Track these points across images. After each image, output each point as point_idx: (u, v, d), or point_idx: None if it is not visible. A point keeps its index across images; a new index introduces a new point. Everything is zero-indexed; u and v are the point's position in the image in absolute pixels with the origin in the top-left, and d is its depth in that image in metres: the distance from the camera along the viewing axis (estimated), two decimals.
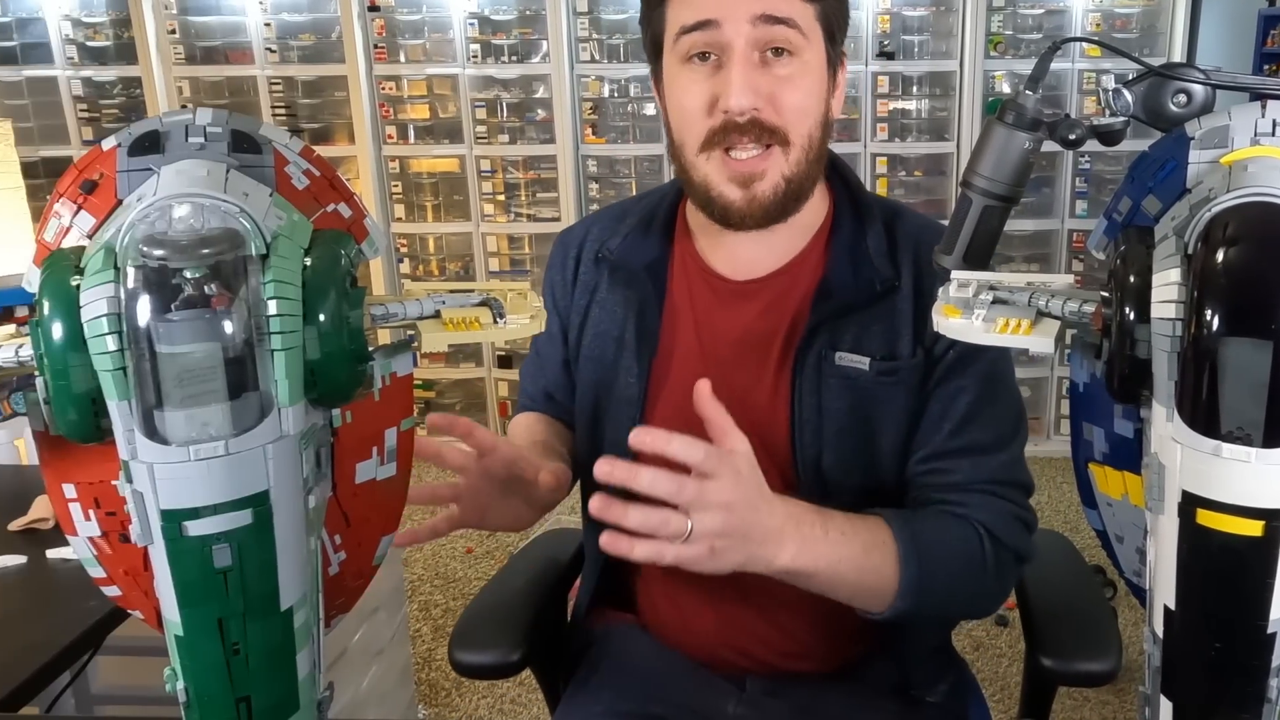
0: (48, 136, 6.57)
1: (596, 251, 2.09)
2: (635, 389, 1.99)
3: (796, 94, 1.78)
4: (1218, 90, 1.20)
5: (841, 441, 1.88)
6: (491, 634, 2.02)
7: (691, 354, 1.98)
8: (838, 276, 1.90)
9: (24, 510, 2.55)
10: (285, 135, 1.11)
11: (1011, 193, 1.31)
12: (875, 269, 1.89)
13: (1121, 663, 1.92)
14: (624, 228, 2.07)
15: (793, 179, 1.82)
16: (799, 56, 1.78)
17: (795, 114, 1.79)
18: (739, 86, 1.74)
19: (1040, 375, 6.61)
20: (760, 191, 1.81)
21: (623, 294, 2.04)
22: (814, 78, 1.81)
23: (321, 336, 0.97)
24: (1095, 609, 2.07)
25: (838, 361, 1.87)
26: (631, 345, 2.00)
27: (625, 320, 2.03)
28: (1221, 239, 0.91)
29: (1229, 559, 0.93)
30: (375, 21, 6.31)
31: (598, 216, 2.20)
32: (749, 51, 1.75)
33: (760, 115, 1.76)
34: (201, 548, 0.94)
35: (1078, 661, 1.93)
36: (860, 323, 1.88)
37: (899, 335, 1.88)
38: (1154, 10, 6.24)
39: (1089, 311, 1.10)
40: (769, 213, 1.83)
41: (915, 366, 1.88)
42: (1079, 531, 4.52)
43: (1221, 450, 0.90)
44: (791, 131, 1.79)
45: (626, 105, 6.38)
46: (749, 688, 1.99)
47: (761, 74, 1.76)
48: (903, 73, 6.31)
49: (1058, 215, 6.45)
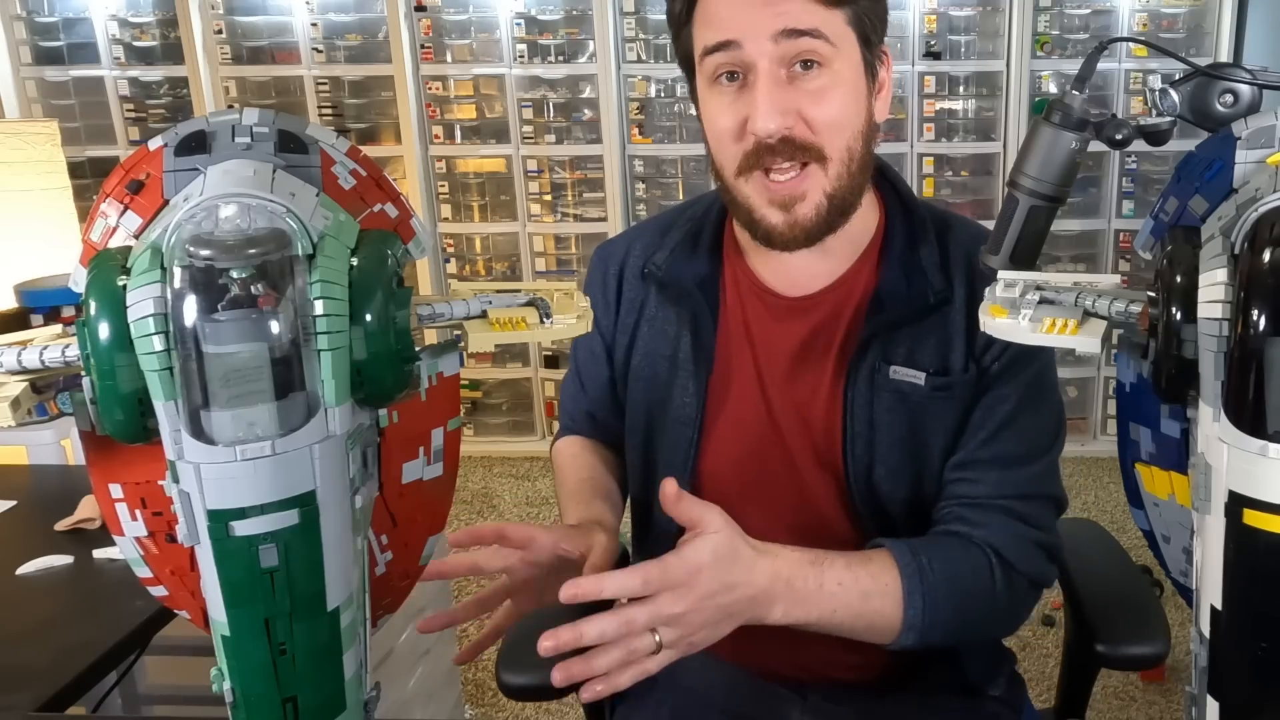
0: (94, 136, 6.60)
1: (642, 267, 2.04)
2: (692, 408, 1.95)
3: (829, 108, 1.72)
4: (1264, 90, 1.19)
5: (893, 454, 1.86)
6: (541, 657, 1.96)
7: (748, 371, 1.95)
8: (890, 288, 1.87)
9: (71, 510, 2.56)
10: (332, 135, 1.11)
11: (1058, 193, 1.31)
12: (928, 280, 1.87)
13: (1169, 645, 1.92)
14: (669, 242, 2.03)
15: (835, 194, 1.77)
16: (829, 67, 1.71)
17: (829, 129, 1.73)
18: (765, 110, 1.68)
19: (1087, 375, 6.59)
20: (802, 214, 1.76)
21: (674, 311, 1.99)
22: (847, 88, 1.75)
23: (368, 336, 0.98)
24: (1140, 594, 2.06)
25: (892, 375, 1.85)
26: (687, 364, 1.96)
27: (678, 338, 1.98)
28: (1268, 239, 0.91)
29: (1276, 559, 0.93)
30: (422, 21, 6.32)
31: (639, 230, 2.14)
32: (774, 69, 1.69)
33: (792, 134, 1.71)
34: (248, 548, 0.95)
35: (1129, 645, 1.94)
36: (914, 335, 1.86)
37: (952, 348, 1.86)
38: (1201, 10, 6.20)
39: (1135, 311, 1.09)
40: (812, 234, 1.79)
41: (968, 381, 1.86)
42: (1125, 532, 4.51)
43: (1268, 450, 0.89)
44: (827, 147, 1.74)
45: (673, 105, 6.38)
46: (810, 697, 1.97)
47: (790, 91, 1.70)
48: (949, 73, 6.29)
49: (1104, 215, 6.42)
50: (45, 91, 6.63)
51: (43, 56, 6.59)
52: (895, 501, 1.88)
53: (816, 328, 1.91)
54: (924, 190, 6.38)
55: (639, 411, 2.05)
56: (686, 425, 1.95)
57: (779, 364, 1.92)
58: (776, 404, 1.91)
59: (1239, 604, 0.96)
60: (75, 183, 4.16)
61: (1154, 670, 4.25)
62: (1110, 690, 4.23)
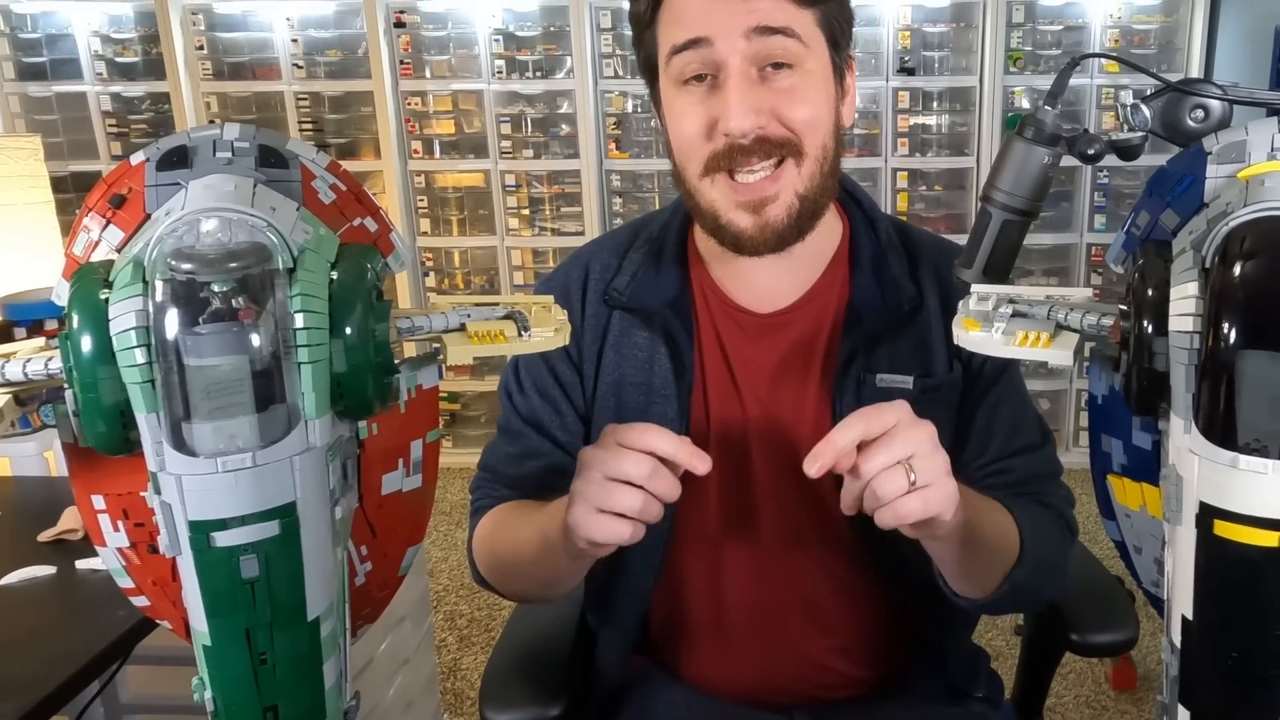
0: (77, 151, 6.60)
1: (603, 292, 1.94)
2: (674, 431, 1.75)
3: (804, 106, 1.68)
4: (1235, 105, 1.20)
5: None
6: (525, 690, 1.89)
7: (727, 391, 1.89)
8: (865, 299, 1.85)
9: (53, 521, 2.56)
10: (312, 150, 1.12)
11: (1031, 207, 1.32)
12: (901, 289, 1.85)
13: (1138, 632, 1.95)
14: (630, 264, 1.94)
15: (807, 195, 1.72)
16: (801, 67, 1.67)
17: (805, 126, 1.68)
18: (738, 108, 1.63)
19: (1059, 388, 6.63)
20: (773, 216, 1.71)
21: (645, 334, 1.90)
22: (819, 87, 1.70)
23: (348, 349, 0.98)
24: (1107, 586, 2.10)
25: (879, 384, 1.83)
26: (665, 387, 1.87)
27: (651, 362, 1.89)
28: (1238, 253, 0.92)
29: (1246, 569, 0.93)
30: (401, 38, 6.33)
31: (595, 251, 2.02)
32: (746, 68, 1.64)
33: (766, 131, 1.66)
34: (229, 558, 0.95)
35: (1102, 633, 1.97)
36: (893, 344, 1.84)
37: (933, 353, 1.85)
38: (1172, 26, 6.23)
39: (1107, 325, 1.10)
40: (783, 237, 1.73)
41: (954, 382, 1.86)
42: (1097, 542, 4.52)
43: (1239, 462, 0.90)
44: (805, 142, 1.69)
45: (650, 120, 6.38)
46: (796, 717, 1.95)
47: (762, 90, 1.66)
48: (923, 88, 6.31)
49: (1076, 229, 6.44)
50: (28, 107, 6.63)
51: (26, 72, 6.58)
52: None
53: (794, 345, 1.88)
54: (898, 204, 6.40)
55: None
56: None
57: (759, 383, 1.88)
58: (761, 425, 1.88)
59: (1210, 614, 0.97)
60: (58, 197, 4.17)
61: (1126, 679, 4.27)
62: (1083, 700, 4.25)
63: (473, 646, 4.68)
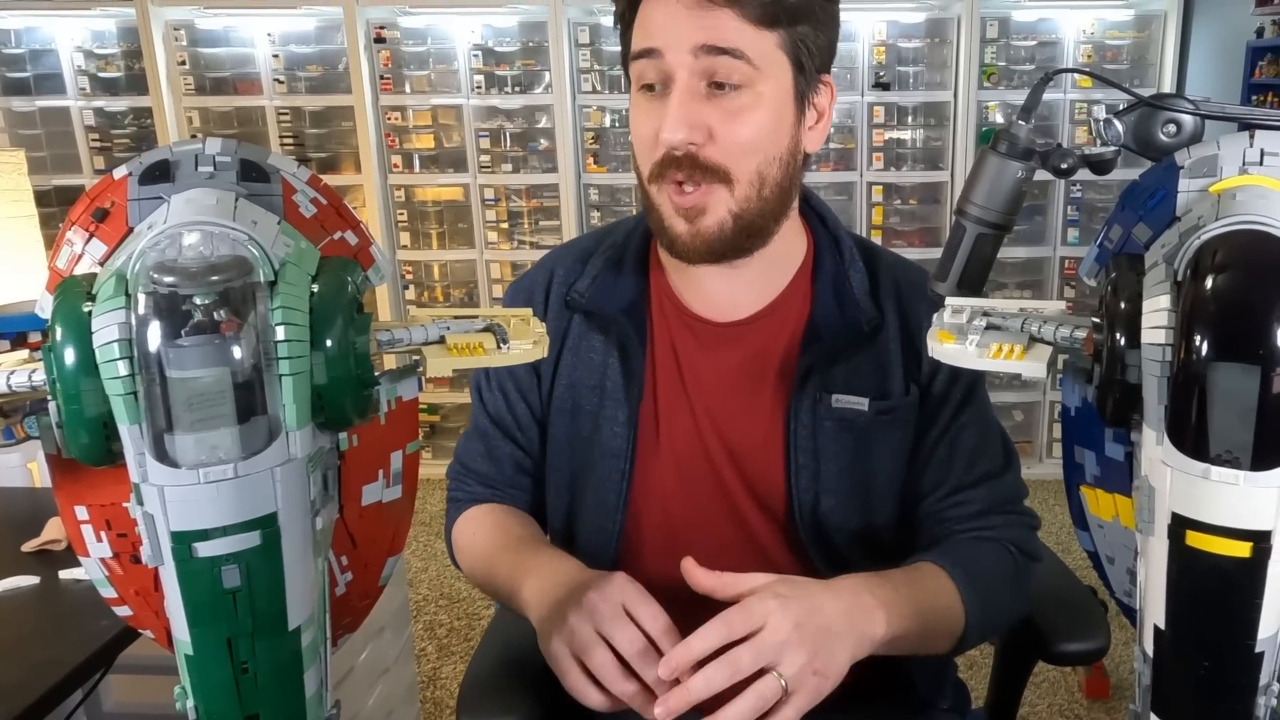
0: (60, 166, 6.59)
1: (565, 295, 1.97)
2: (622, 439, 1.90)
3: (742, 129, 1.68)
4: (1207, 120, 1.21)
5: (840, 484, 1.85)
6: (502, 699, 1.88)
7: (680, 400, 1.92)
8: (825, 318, 1.87)
9: (37, 532, 2.56)
10: (293, 164, 1.12)
11: (1005, 220, 1.32)
12: (861, 309, 1.87)
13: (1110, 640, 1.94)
14: (591, 269, 1.98)
15: (741, 215, 1.73)
16: (750, 89, 1.67)
17: (739, 150, 1.69)
18: (672, 121, 1.65)
19: (1033, 399, 6.64)
20: (704, 227, 1.72)
21: (600, 339, 1.94)
22: (767, 113, 1.70)
23: (328, 361, 0.99)
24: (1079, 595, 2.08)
25: (834, 404, 1.84)
26: (616, 392, 1.91)
27: (605, 366, 1.93)
28: (1210, 266, 0.93)
29: (1218, 580, 0.95)
30: (381, 53, 6.33)
31: (559, 256, 2.06)
32: (692, 82, 1.66)
33: (698, 151, 1.67)
34: (211, 569, 0.96)
35: (1074, 642, 1.96)
36: (850, 364, 1.86)
37: (889, 375, 1.86)
38: (1144, 42, 6.26)
39: (1080, 337, 1.11)
40: (715, 248, 1.75)
41: (911, 404, 1.87)
42: (1070, 553, 4.55)
43: (1210, 473, 0.91)
44: (734, 169, 1.69)
45: (627, 135, 6.35)
46: None
47: (704, 106, 1.67)
48: (898, 103, 6.33)
49: (1050, 243, 6.46)
50: (12, 121, 6.62)
51: (10, 87, 6.57)
52: (843, 534, 1.88)
53: (748, 357, 1.90)
54: (873, 218, 6.42)
55: (562, 446, 1.98)
56: (617, 458, 1.91)
57: (711, 393, 1.90)
58: (710, 435, 1.89)
59: (1182, 624, 0.98)
60: (41, 211, 4.15)
61: (1099, 688, 4.29)
62: (1056, 708, 4.26)
63: (452, 656, 4.68)
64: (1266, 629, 0.96)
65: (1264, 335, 0.88)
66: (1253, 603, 0.95)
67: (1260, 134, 1.08)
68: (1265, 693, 0.99)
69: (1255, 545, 0.92)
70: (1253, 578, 0.94)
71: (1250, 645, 0.96)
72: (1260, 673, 0.98)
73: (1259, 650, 0.96)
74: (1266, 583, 0.94)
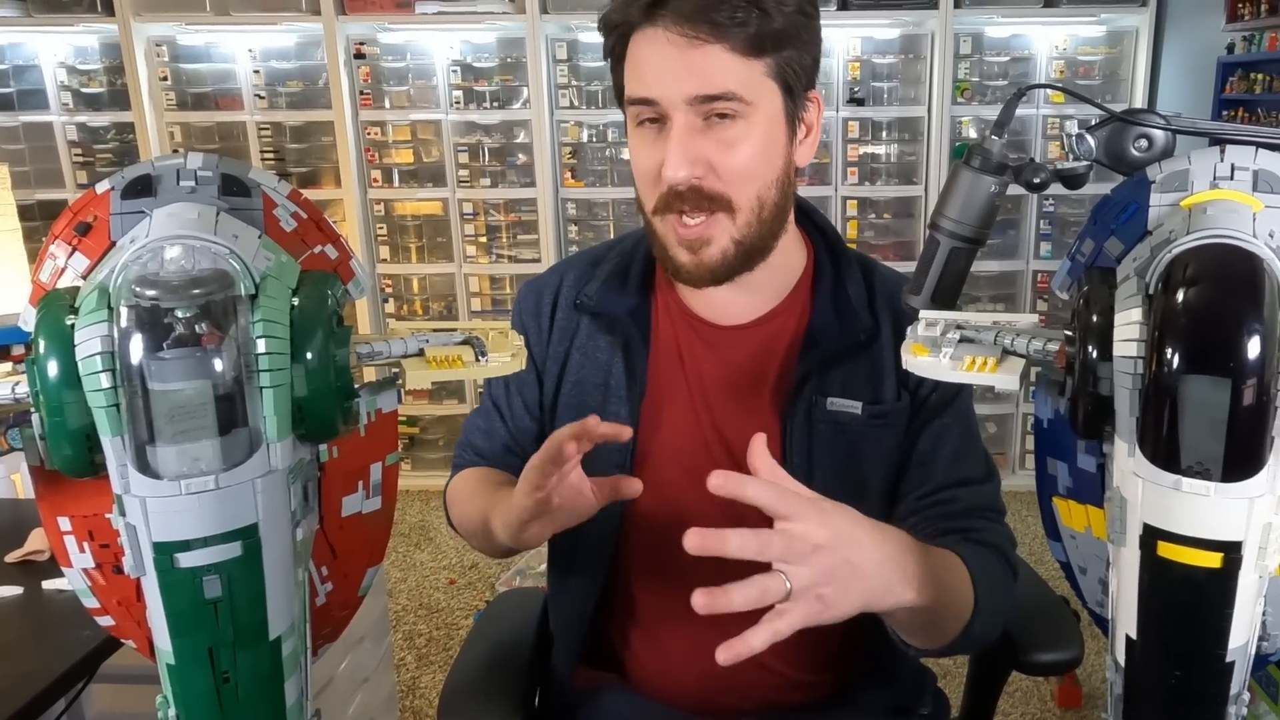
0: (43, 180, 6.57)
1: (575, 298, 2.02)
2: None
3: (739, 158, 1.72)
4: (1178, 135, 1.22)
5: (831, 486, 1.80)
6: (481, 707, 1.91)
7: (682, 399, 1.94)
8: (823, 325, 1.89)
9: (20, 543, 2.55)
10: (274, 179, 1.13)
11: (978, 234, 1.32)
12: (858, 318, 1.89)
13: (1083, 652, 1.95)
14: (600, 273, 2.02)
15: (743, 241, 1.78)
16: (744, 119, 1.70)
17: (738, 178, 1.73)
18: (675, 159, 1.68)
19: (1005, 412, 6.64)
20: (708, 256, 1.77)
21: (606, 339, 1.98)
22: (759, 139, 1.73)
23: (309, 374, 1.00)
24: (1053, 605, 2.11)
25: (829, 407, 1.87)
26: (619, 389, 1.95)
27: (609, 365, 1.97)
28: (1181, 279, 0.94)
29: (1189, 590, 0.96)
30: (361, 69, 6.31)
31: (570, 263, 2.12)
32: (690, 119, 1.69)
33: (701, 184, 1.71)
34: (192, 579, 0.96)
35: (1047, 652, 2.00)
36: (846, 370, 1.88)
37: (883, 382, 1.88)
38: (1116, 58, 6.27)
39: (1053, 350, 1.12)
40: (718, 275, 1.79)
41: (902, 410, 1.89)
42: (1043, 563, 4.55)
43: (1181, 484, 0.93)
44: (736, 197, 1.74)
45: (605, 150, 6.38)
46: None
47: (701, 140, 1.70)
48: (872, 118, 6.32)
49: (1023, 256, 6.46)
50: None
51: None
52: None
53: (749, 359, 1.93)
54: (848, 231, 6.40)
55: None
56: (618, 452, 1.92)
57: (712, 392, 1.93)
58: (710, 433, 1.92)
59: (1153, 634, 0.99)
60: (24, 225, 4.14)
61: (1071, 697, 4.29)
62: (1029, 717, 4.25)
63: (431, 665, 4.67)
64: (1237, 639, 0.97)
65: (1234, 348, 0.89)
66: (1223, 613, 0.96)
67: (1231, 149, 1.09)
68: (1236, 702, 1.00)
69: (1226, 556, 0.93)
70: (1223, 588, 0.95)
71: (1221, 655, 0.97)
72: (1231, 682, 0.99)
73: (1229, 660, 0.97)
74: (1237, 593, 0.95)
